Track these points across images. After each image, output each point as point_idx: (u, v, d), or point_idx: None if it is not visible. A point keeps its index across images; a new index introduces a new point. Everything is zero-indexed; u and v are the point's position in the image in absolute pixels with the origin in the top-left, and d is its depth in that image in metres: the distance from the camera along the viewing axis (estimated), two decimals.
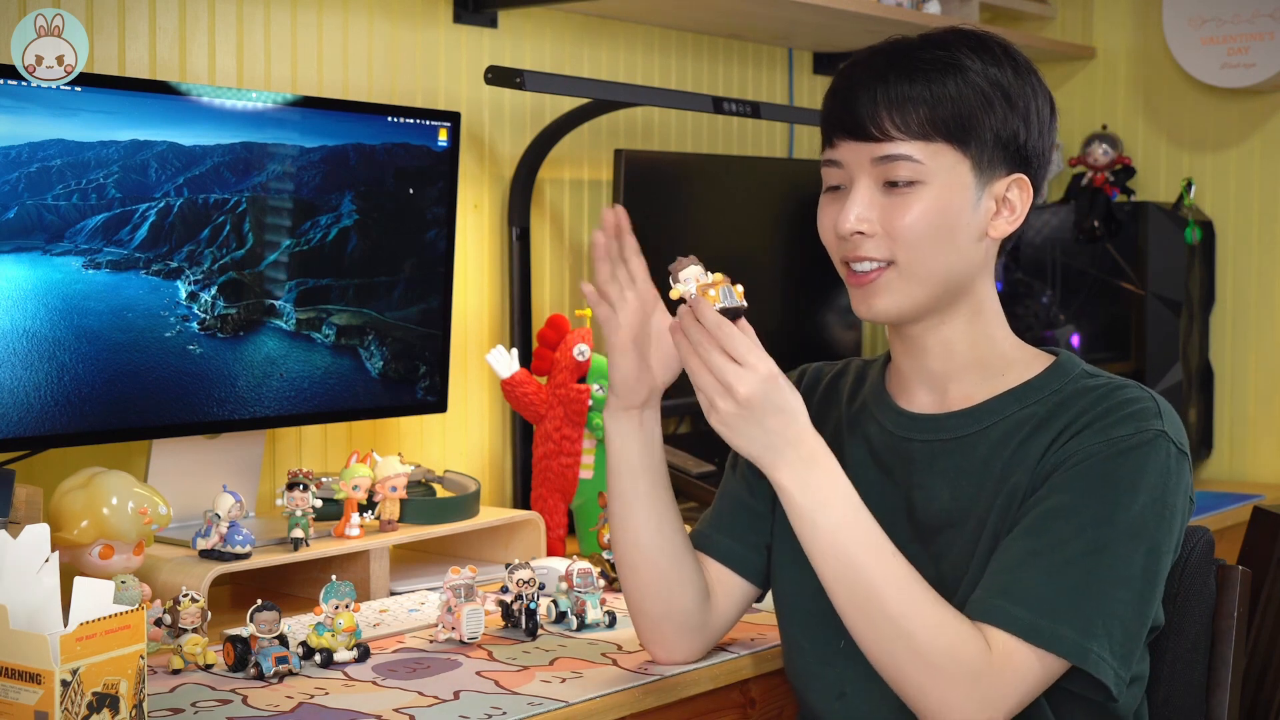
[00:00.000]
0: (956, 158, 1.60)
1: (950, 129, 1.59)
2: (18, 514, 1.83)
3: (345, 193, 2.23)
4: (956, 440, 1.65)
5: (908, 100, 1.58)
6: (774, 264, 3.06)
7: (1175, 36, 3.39)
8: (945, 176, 1.59)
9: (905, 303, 1.62)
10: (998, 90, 1.60)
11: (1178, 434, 1.58)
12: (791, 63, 3.37)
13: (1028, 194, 1.64)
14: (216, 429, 2.14)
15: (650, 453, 1.71)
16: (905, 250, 1.60)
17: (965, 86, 1.59)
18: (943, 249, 1.60)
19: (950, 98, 1.58)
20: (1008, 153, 1.62)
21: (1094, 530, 1.52)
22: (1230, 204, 3.50)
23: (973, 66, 1.60)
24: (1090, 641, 1.50)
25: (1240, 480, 3.50)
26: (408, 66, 2.56)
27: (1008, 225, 1.64)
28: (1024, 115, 1.62)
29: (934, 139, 1.59)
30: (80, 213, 1.96)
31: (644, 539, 1.71)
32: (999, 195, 1.63)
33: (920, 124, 1.58)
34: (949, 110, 1.58)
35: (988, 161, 1.61)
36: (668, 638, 1.76)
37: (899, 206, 1.60)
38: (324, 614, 1.78)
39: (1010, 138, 1.61)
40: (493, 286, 2.70)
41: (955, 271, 1.62)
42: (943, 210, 1.60)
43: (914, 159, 1.59)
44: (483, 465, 2.70)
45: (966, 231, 1.62)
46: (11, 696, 1.35)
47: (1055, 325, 3.41)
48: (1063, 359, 1.67)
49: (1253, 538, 1.99)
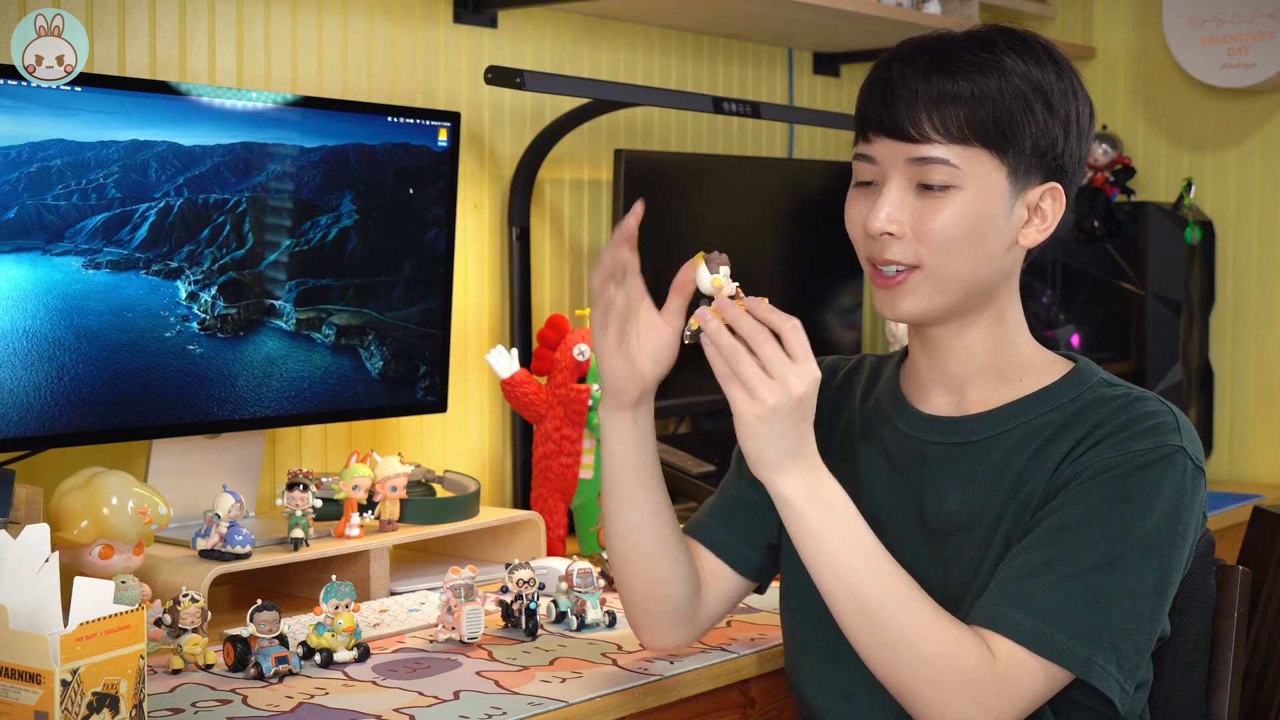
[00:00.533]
0: (993, 164, 1.58)
1: (990, 135, 1.56)
2: (18, 514, 1.83)
3: (345, 193, 2.23)
4: (971, 444, 1.64)
5: (947, 102, 1.56)
6: (774, 264, 3.06)
7: (1175, 36, 3.39)
8: (980, 182, 1.57)
9: (929, 306, 1.61)
10: (1039, 95, 1.58)
11: (1195, 450, 1.57)
12: (791, 63, 3.37)
13: (1060, 203, 1.63)
14: (216, 429, 2.14)
15: (643, 450, 1.70)
16: (933, 255, 1.58)
17: (1007, 89, 1.56)
18: (971, 256, 1.59)
19: (992, 101, 1.56)
20: (1044, 161, 1.60)
21: (1106, 544, 1.51)
22: (1230, 204, 3.50)
23: (1016, 69, 1.57)
24: (1096, 654, 1.49)
25: (1240, 480, 3.51)
26: (408, 66, 2.56)
27: (1038, 234, 1.62)
28: (1064, 122, 1.60)
29: (972, 144, 1.56)
30: (80, 213, 1.96)
31: (636, 534, 1.71)
32: (1032, 204, 1.61)
33: (959, 127, 1.56)
34: (989, 114, 1.56)
35: (1024, 169, 1.59)
36: (658, 627, 1.76)
37: (931, 209, 1.58)
38: (324, 614, 1.78)
39: (1049, 145, 1.59)
40: (493, 286, 2.70)
41: (982, 278, 1.61)
42: (975, 217, 1.58)
43: (950, 163, 1.56)
44: (483, 465, 2.70)
45: (997, 239, 1.60)
46: (11, 696, 1.35)
47: (1055, 325, 3.41)
48: (1081, 366, 1.66)
49: (1253, 538, 1.99)
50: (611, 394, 1.69)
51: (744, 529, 1.77)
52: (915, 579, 1.57)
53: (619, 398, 1.68)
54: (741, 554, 1.77)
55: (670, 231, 2.76)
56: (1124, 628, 1.51)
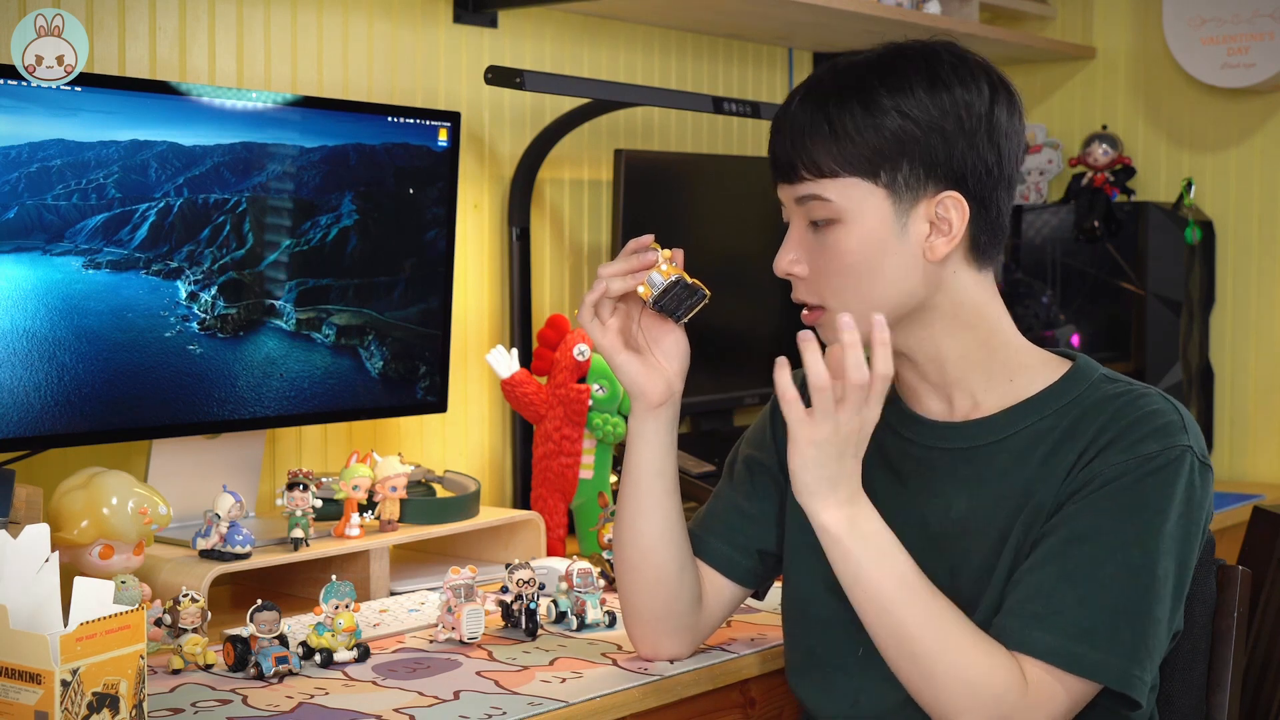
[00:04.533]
0: (868, 189, 1.57)
1: (856, 163, 1.56)
2: (18, 514, 1.83)
3: (345, 193, 2.23)
4: (974, 449, 1.63)
5: (810, 138, 1.57)
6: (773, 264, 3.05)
7: (1175, 36, 3.39)
8: (858, 210, 1.57)
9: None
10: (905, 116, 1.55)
11: (1200, 447, 1.58)
12: (791, 63, 3.37)
13: (963, 210, 1.58)
14: (216, 429, 2.14)
15: (668, 457, 1.72)
16: (833, 295, 1.60)
17: (866, 117, 1.55)
18: (869, 284, 1.58)
19: (851, 131, 1.55)
20: (932, 172, 1.56)
21: (1125, 552, 1.51)
22: (1230, 204, 3.50)
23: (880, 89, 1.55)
24: (1132, 666, 1.50)
25: (1240, 480, 3.50)
26: (408, 66, 2.56)
27: (945, 245, 1.58)
28: (943, 133, 1.55)
29: (840, 174, 1.57)
30: (80, 213, 1.96)
31: (650, 544, 1.72)
32: (930, 216, 1.58)
33: (825, 162, 1.57)
34: (852, 144, 1.55)
35: (906, 186, 1.56)
36: (658, 636, 1.77)
37: (821, 246, 1.60)
38: (324, 614, 1.78)
39: (928, 157, 1.56)
40: (493, 286, 2.70)
41: (897, 299, 1.59)
42: (861, 247, 1.57)
43: (823, 197, 1.58)
44: (483, 465, 2.70)
45: (896, 261, 1.58)
46: (11, 696, 1.35)
47: (1055, 325, 3.41)
48: (1080, 364, 1.65)
49: (1253, 538, 1.99)
50: (637, 395, 1.70)
51: (737, 538, 1.77)
52: None
53: (646, 399, 1.70)
54: (734, 561, 1.77)
55: (670, 231, 2.76)
56: (1152, 633, 1.52)
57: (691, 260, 1.74)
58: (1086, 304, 3.42)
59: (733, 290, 2.95)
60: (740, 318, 2.95)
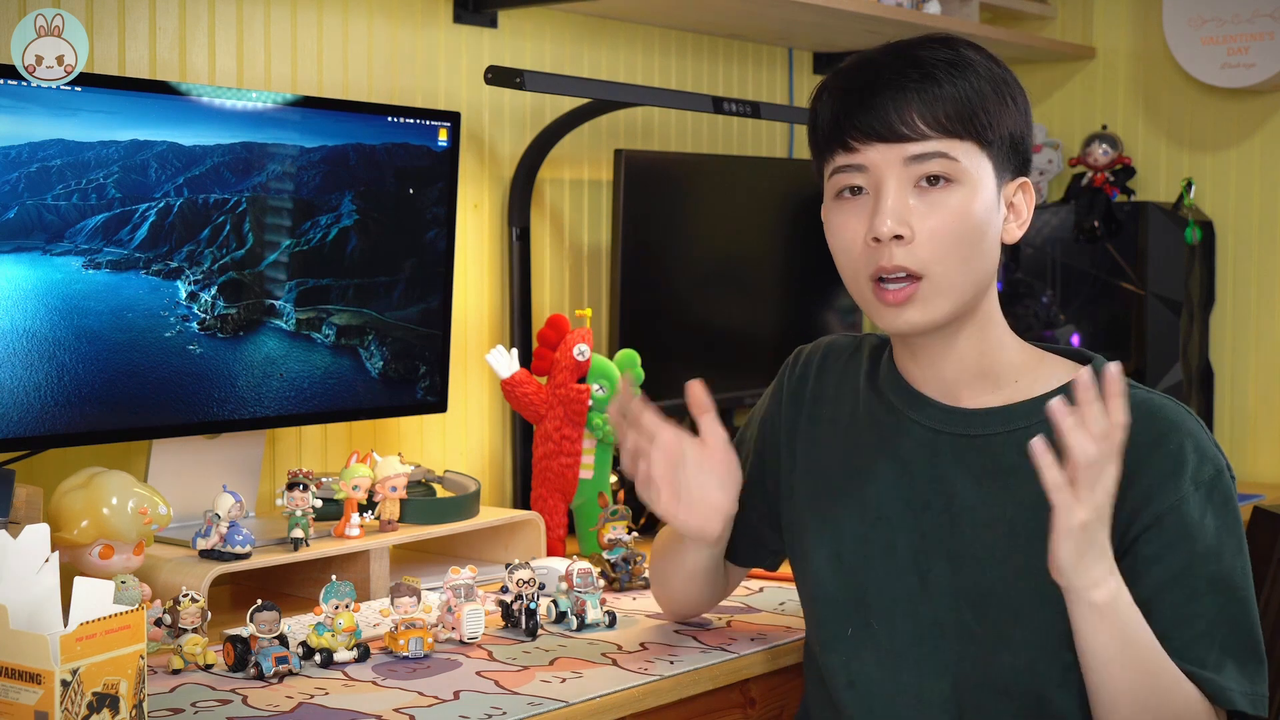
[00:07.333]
0: (981, 158, 1.58)
1: (976, 127, 1.57)
2: (18, 514, 1.83)
3: (345, 193, 2.23)
4: (984, 438, 1.62)
5: (933, 97, 1.55)
6: (774, 264, 3.06)
7: (1175, 36, 3.39)
8: (974, 177, 1.57)
9: (934, 316, 1.59)
10: (1004, 87, 1.59)
11: (1223, 455, 1.61)
12: (791, 63, 3.37)
13: (1032, 199, 1.64)
14: (216, 429, 2.14)
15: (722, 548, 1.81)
16: (936, 260, 1.56)
17: (981, 82, 1.57)
18: (973, 255, 1.58)
19: (973, 93, 1.56)
20: (1016, 153, 1.61)
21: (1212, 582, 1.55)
22: (1230, 204, 3.50)
23: (980, 62, 1.59)
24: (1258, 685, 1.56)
25: (1240, 480, 3.46)
26: (408, 66, 2.56)
27: (1017, 230, 1.62)
28: (1025, 114, 1.61)
29: (964, 137, 1.56)
30: (80, 213, 1.96)
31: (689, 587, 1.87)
32: (1009, 199, 1.62)
33: (950, 120, 1.56)
34: (972, 106, 1.56)
35: (1002, 163, 1.60)
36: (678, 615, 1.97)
37: (933, 208, 1.56)
38: (324, 614, 1.78)
39: (1019, 137, 1.61)
40: (493, 286, 2.70)
41: (980, 278, 1.60)
42: (974, 212, 1.57)
43: (949, 156, 1.56)
44: (483, 465, 2.70)
45: (992, 235, 1.60)
46: (11, 696, 1.35)
47: (1055, 325, 3.41)
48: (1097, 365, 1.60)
49: (1253, 538, 1.99)
50: (695, 538, 1.75)
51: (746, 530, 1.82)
52: (913, 567, 1.61)
53: (704, 538, 1.75)
54: (753, 552, 1.86)
55: (670, 231, 2.76)
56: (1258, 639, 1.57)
57: (692, 260, 1.74)
58: (1086, 304, 3.42)
59: (733, 290, 2.95)
60: (740, 318, 2.95)
